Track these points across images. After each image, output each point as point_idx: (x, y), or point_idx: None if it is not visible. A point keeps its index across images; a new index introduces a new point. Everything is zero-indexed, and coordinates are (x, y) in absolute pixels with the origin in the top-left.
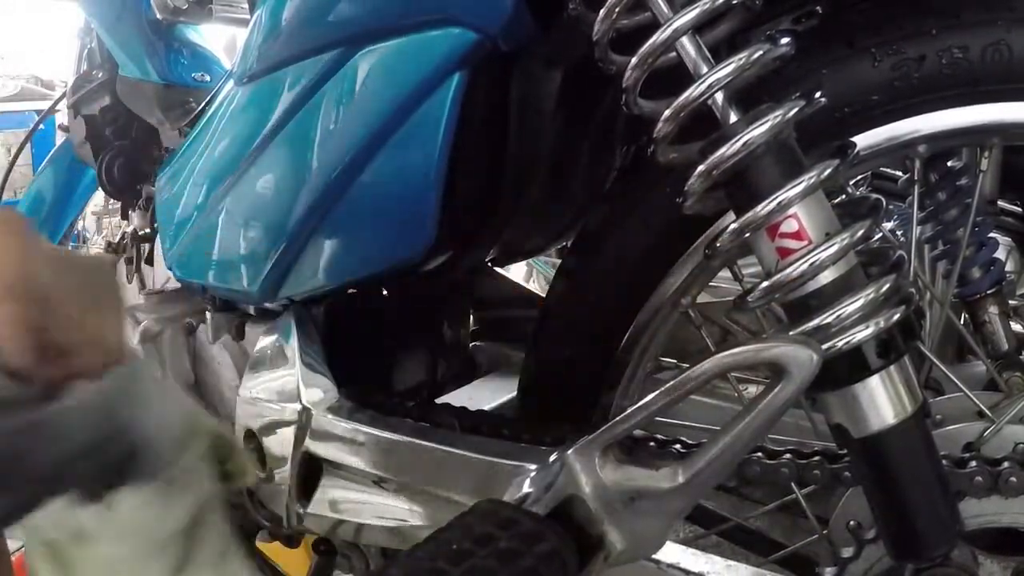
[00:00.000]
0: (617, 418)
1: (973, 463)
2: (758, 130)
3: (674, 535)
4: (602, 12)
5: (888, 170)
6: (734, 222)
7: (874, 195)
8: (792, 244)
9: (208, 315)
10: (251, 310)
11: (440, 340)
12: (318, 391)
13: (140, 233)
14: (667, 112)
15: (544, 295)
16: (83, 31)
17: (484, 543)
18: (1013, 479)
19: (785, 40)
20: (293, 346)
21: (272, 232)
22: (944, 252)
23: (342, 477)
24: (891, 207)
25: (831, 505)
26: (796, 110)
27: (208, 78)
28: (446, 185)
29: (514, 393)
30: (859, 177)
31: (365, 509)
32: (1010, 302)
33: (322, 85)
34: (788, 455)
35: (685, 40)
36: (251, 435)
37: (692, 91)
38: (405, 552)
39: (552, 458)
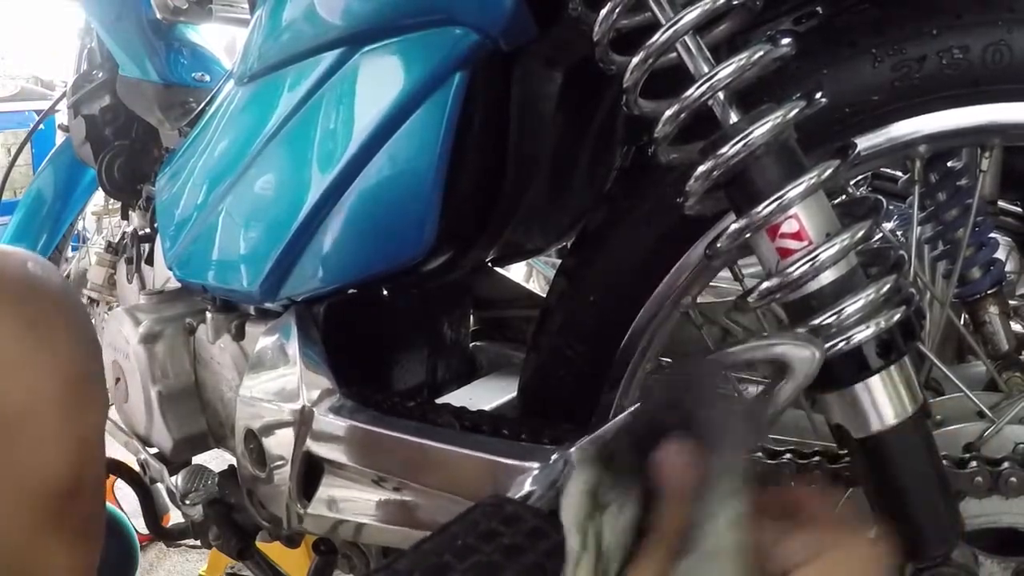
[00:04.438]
0: (618, 417)
1: (973, 463)
2: (759, 130)
3: None
4: (603, 12)
5: (888, 170)
6: (735, 222)
7: (874, 195)
8: (793, 244)
9: (208, 315)
10: (251, 310)
11: (440, 340)
12: (319, 391)
13: (140, 233)
14: (668, 112)
15: (544, 295)
16: (83, 31)
17: (489, 539)
18: (1013, 479)
19: (786, 40)
20: (294, 346)
21: (272, 232)
22: (944, 252)
23: (343, 477)
24: (891, 207)
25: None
26: (797, 110)
27: (208, 78)
28: (446, 185)
29: (514, 393)
30: (859, 177)
31: (366, 509)
32: (1010, 302)
33: (322, 85)
34: (788, 455)
35: (686, 40)
36: (251, 435)
37: (693, 91)
38: (412, 546)
39: (554, 457)
